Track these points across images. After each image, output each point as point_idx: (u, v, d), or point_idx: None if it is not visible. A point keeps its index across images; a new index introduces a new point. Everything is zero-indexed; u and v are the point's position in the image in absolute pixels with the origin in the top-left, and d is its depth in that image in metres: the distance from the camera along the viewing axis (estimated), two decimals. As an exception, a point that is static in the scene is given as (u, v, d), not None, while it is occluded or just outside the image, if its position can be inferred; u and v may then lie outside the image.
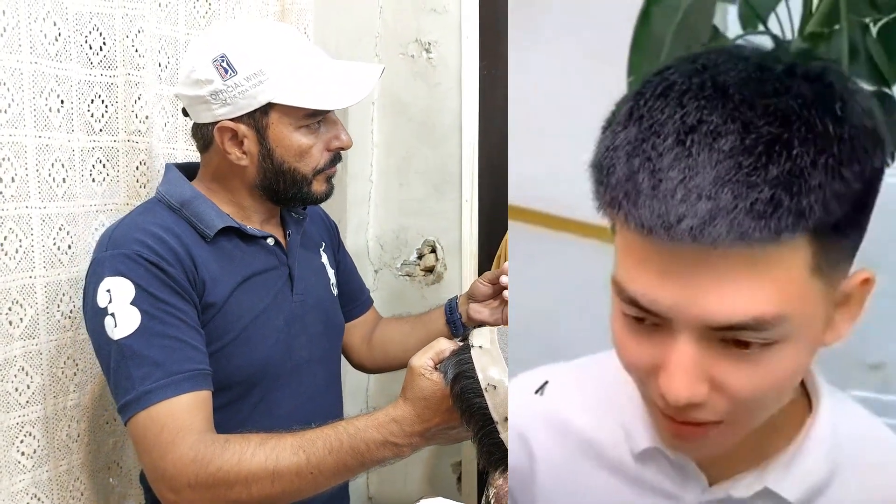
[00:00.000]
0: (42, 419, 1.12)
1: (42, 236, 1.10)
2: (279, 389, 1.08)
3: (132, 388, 0.91)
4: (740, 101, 0.43)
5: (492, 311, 1.23)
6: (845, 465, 0.54)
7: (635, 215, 0.43)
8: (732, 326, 0.45)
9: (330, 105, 1.04)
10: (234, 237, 1.06)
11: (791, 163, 0.41)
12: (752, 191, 0.41)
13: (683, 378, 0.46)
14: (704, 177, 0.42)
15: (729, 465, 0.56)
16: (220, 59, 0.99)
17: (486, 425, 0.80)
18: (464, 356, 0.83)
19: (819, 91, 0.43)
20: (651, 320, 0.47)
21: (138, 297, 0.93)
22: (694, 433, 0.50)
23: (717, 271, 0.44)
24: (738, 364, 0.46)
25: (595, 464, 0.62)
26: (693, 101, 0.44)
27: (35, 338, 1.10)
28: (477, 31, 1.69)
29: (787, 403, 0.54)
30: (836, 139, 0.42)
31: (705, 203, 0.41)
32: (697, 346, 0.46)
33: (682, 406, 0.47)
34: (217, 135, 1.03)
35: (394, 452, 0.86)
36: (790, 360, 0.47)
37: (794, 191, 0.41)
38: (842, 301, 0.49)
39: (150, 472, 0.91)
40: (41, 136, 1.09)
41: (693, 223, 0.41)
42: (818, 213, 0.42)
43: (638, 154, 0.44)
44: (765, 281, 0.44)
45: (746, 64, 0.45)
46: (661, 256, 0.45)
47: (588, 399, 0.63)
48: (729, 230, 0.41)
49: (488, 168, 1.74)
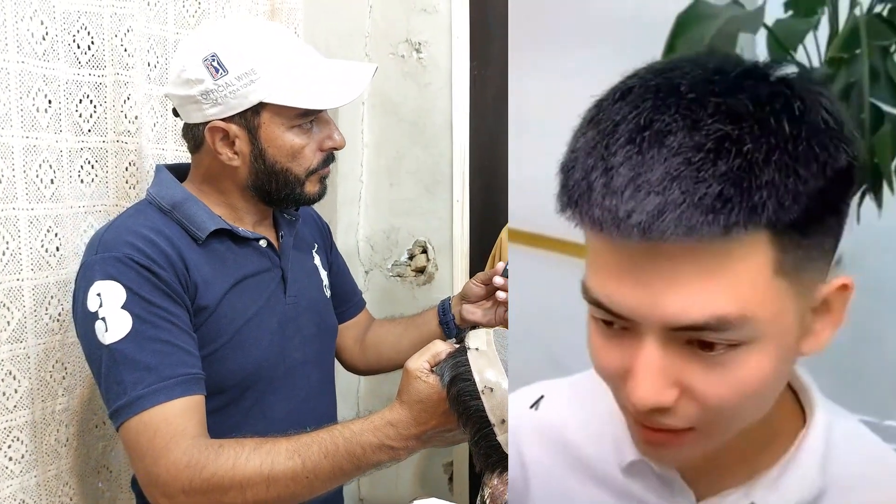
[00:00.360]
0: (30, 423, 1.11)
1: (29, 238, 1.09)
2: (273, 392, 1.07)
3: (124, 393, 0.90)
4: (692, 100, 0.43)
5: (485, 312, 1.23)
6: (838, 483, 0.53)
7: (588, 213, 0.44)
8: (693, 327, 0.45)
9: (322, 105, 1.03)
10: (226, 239, 1.05)
11: (741, 159, 0.41)
12: (700, 186, 0.41)
13: (649, 382, 0.46)
14: (654, 173, 0.42)
15: (718, 481, 0.55)
16: (210, 59, 0.98)
17: (484, 427, 0.80)
18: (460, 358, 0.83)
19: (777, 91, 0.44)
20: (619, 324, 0.48)
21: (129, 300, 0.92)
22: (666, 440, 0.50)
23: (675, 271, 0.44)
24: (706, 369, 0.46)
25: (586, 478, 0.61)
26: (647, 103, 0.44)
27: (22, 341, 1.09)
28: (468, 31, 1.68)
29: (779, 418, 0.54)
30: (792, 137, 0.42)
31: (654, 198, 0.42)
32: (664, 350, 0.46)
33: (648, 411, 0.47)
34: (208, 135, 1.02)
35: (390, 456, 0.86)
36: (759, 364, 0.46)
37: (745, 186, 0.41)
38: (820, 308, 0.49)
39: (143, 478, 0.90)
40: (28, 137, 1.08)
41: (641, 218, 0.42)
42: (771, 210, 0.42)
43: (593, 154, 0.45)
44: (724, 280, 0.44)
45: (705, 68, 0.45)
46: (623, 258, 0.45)
47: (581, 413, 0.63)
48: (677, 224, 0.41)
49: (479, 168, 1.74)
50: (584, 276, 0.49)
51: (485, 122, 1.73)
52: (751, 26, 0.68)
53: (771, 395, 0.50)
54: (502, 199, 1.76)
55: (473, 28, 1.69)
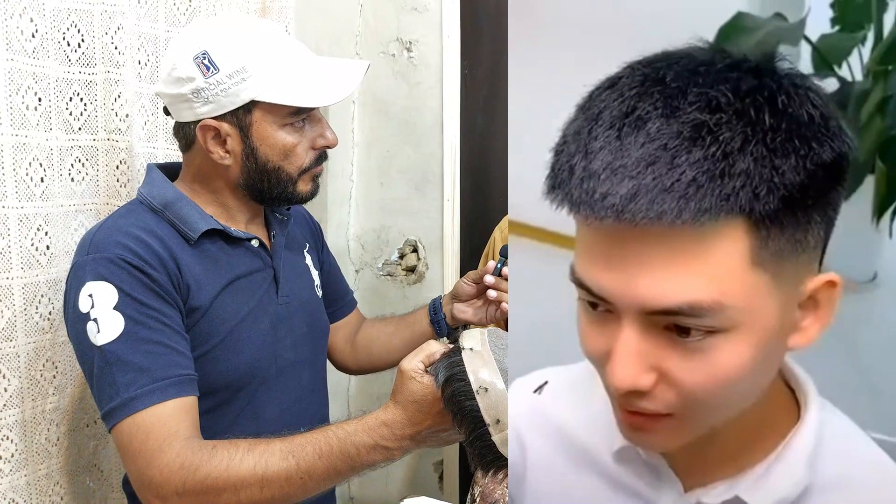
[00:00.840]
0: (20, 423, 1.10)
1: (19, 237, 1.08)
2: (265, 392, 1.07)
3: (116, 394, 0.89)
4: (675, 89, 0.44)
5: (476, 311, 1.23)
6: (825, 482, 0.53)
7: (568, 195, 0.46)
8: (667, 311, 0.45)
9: (314, 102, 1.02)
10: (218, 239, 1.05)
11: (716, 147, 0.42)
12: (674, 171, 0.42)
13: (626, 364, 0.47)
14: (630, 158, 0.43)
15: (709, 472, 0.56)
16: (201, 56, 0.97)
17: (478, 427, 0.80)
18: (455, 358, 0.83)
19: (762, 84, 0.44)
20: (603, 307, 0.49)
21: (121, 301, 0.92)
22: (644, 424, 0.50)
23: (650, 255, 0.45)
24: (683, 355, 0.47)
25: (580, 463, 0.62)
26: (632, 91, 0.46)
27: (12, 340, 1.08)
28: (458, 30, 1.68)
29: (773, 415, 0.54)
30: (771, 129, 0.43)
31: (628, 182, 0.43)
32: (642, 334, 0.47)
33: (627, 393, 0.48)
34: (199, 134, 1.01)
35: (384, 456, 0.86)
36: (735, 353, 0.47)
37: (718, 174, 0.42)
38: (807, 303, 0.49)
39: (136, 479, 0.89)
40: (18, 135, 1.07)
41: (615, 201, 0.43)
42: (744, 199, 0.42)
43: (577, 139, 0.46)
44: (698, 267, 0.44)
45: (693, 60, 0.46)
46: (603, 241, 0.47)
47: (579, 400, 0.64)
48: (648, 208, 0.42)
49: (470, 167, 1.74)
50: (572, 260, 0.51)
51: (475, 121, 1.73)
52: (791, 38, 0.69)
53: (751, 385, 0.50)
54: (493, 198, 1.76)
55: (464, 27, 1.69)
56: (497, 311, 1.20)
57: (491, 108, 1.73)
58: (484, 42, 1.72)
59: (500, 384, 0.79)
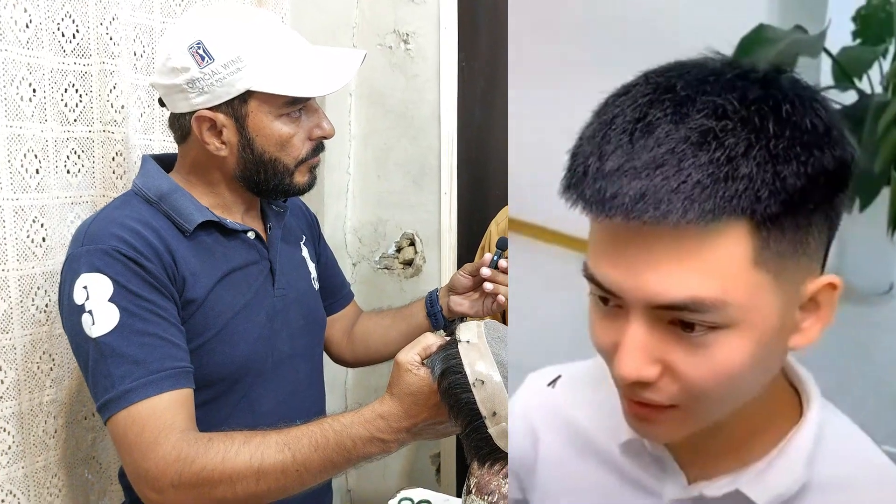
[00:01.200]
0: (17, 415, 1.10)
1: (15, 229, 1.07)
2: (261, 385, 1.07)
3: (112, 386, 0.89)
4: (684, 97, 0.47)
5: (472, 304, 1.23)
6: (823, 480, 0.55)
7: (581, 195, 0.48)
8: (673, 306, 0.48)
9: (311, 92, 1.01)
10: (214, 231, 1.04)
11: (721, 152, 0.45)
12: (680, 174, 0.45)
13: (633, 356, 0.49)
14: (640, 160, 0.46)
15: (711, 466, 0.57)
16: (196, 46, 0.97)
17: (475, 420, 0.80)
18: (451, 351, 0.83)
19: (768, 94, 0.47)
20: (613, 301, 0.51)
21: (116, 293, 0.91)
22: (649, 415, 0.53)
23: (657, 253, 0.47)
24: (687, 349, 0.49)
25: (588, 455, 0.64)
26: (645, 98, 0.48)
27: (9, 332, 1.08)
28: (456, 23, 1.68)
29: (776, 413, 0.56)
30: (774, 136, 0.45)
31: (637, 183, 0.45)
32: (649, 328, 0.49)
33: (631, 384, 0.51)
34: (195, 125, 1.00)
35: (380, 448, 0.85)
36: (737, 349, 0.49)
37: (722, 177, 0.44)
38: (808, 305, 0.51)
39: (131, 472, 0.89)
40: (12, 126, 1.06)
41: (624, 201, 0.45)
42: (746, 201, 0.45)
43: (592, 142, 0.49)
44: (702, 264, 0.47)
45: (704, 69, 0.49)
46: (613, 239, 0.49)
47: (591, 394, 0.66)
48: (656, 208, 0.45)
49: (467, 160, 1.73)
50: (586, 256, 0.53)
51: (472, 114, 1.73)
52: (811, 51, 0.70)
53: (752, 381, 0.52)
54: (490, 192, 1.76)
55: (461, 19, 1.68)
56: (493, 303, 1.20)
57: (488, 101, 1.73)
58: (481, 34, 1.72)
59: (497, 376, 0.79)
